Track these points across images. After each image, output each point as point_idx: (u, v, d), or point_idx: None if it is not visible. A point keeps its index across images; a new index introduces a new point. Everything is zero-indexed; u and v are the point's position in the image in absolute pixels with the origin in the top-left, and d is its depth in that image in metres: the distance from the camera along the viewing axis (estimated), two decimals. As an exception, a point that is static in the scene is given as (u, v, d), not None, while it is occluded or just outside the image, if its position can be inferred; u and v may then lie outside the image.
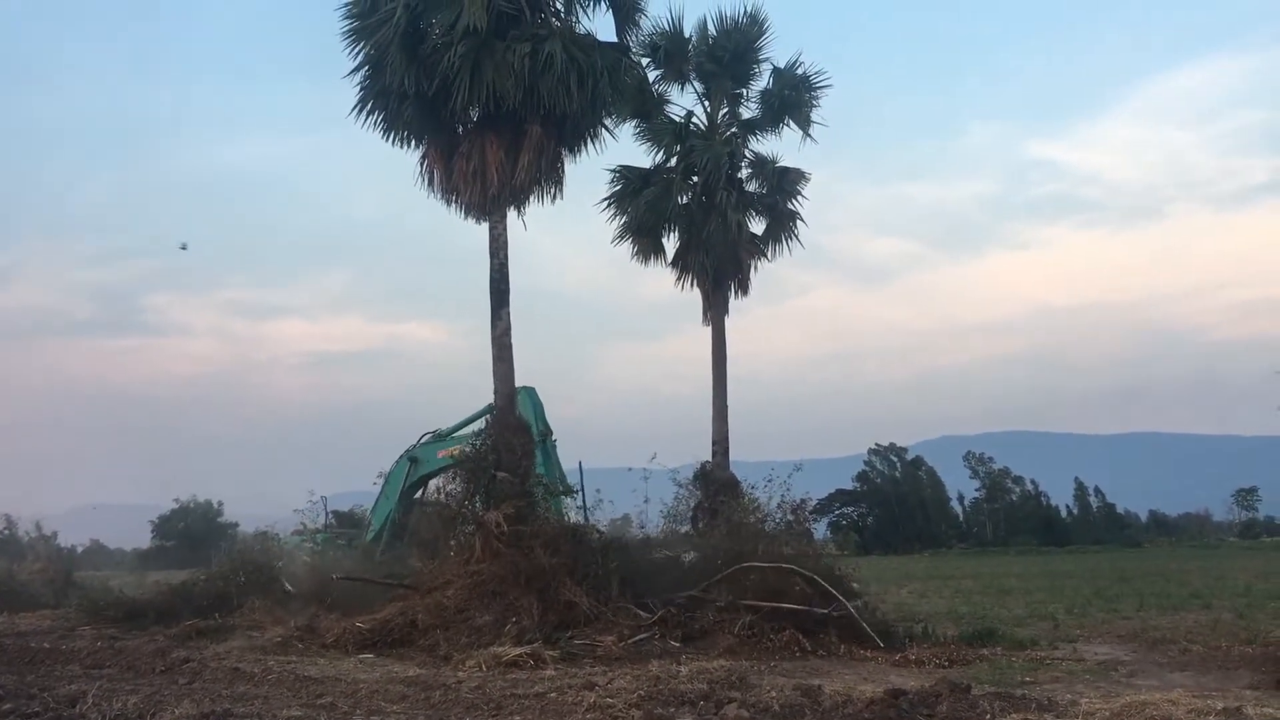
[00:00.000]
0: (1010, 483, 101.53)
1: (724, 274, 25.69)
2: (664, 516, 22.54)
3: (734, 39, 25.85)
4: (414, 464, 25.67)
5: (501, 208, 20.53)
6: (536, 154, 20.28)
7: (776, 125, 26.36)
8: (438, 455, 25.18)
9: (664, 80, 26.32)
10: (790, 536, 19.24)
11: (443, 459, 24.79)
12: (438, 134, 20.91)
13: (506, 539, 17.24)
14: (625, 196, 25.87)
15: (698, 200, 25.62)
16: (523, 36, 19.79)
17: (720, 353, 25.70)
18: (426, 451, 25.50)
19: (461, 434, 25.05)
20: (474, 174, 20.25)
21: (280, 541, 27.03)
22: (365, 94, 20.78)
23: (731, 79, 26.18)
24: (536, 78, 19.49)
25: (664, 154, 26.24)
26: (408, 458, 25.79)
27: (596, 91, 20.25)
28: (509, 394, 20.31)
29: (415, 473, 25.46)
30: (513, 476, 18.80)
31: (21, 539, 66.57)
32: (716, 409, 25.46)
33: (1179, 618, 21.22)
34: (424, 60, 19.79)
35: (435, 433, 25.59)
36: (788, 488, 20.74)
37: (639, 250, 26.17)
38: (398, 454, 26.91)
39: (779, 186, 26.22)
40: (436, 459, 25.11)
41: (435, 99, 19.98)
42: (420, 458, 25.56)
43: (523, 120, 20.13)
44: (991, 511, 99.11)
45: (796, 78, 26.04)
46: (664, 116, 26.29)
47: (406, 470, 25.65)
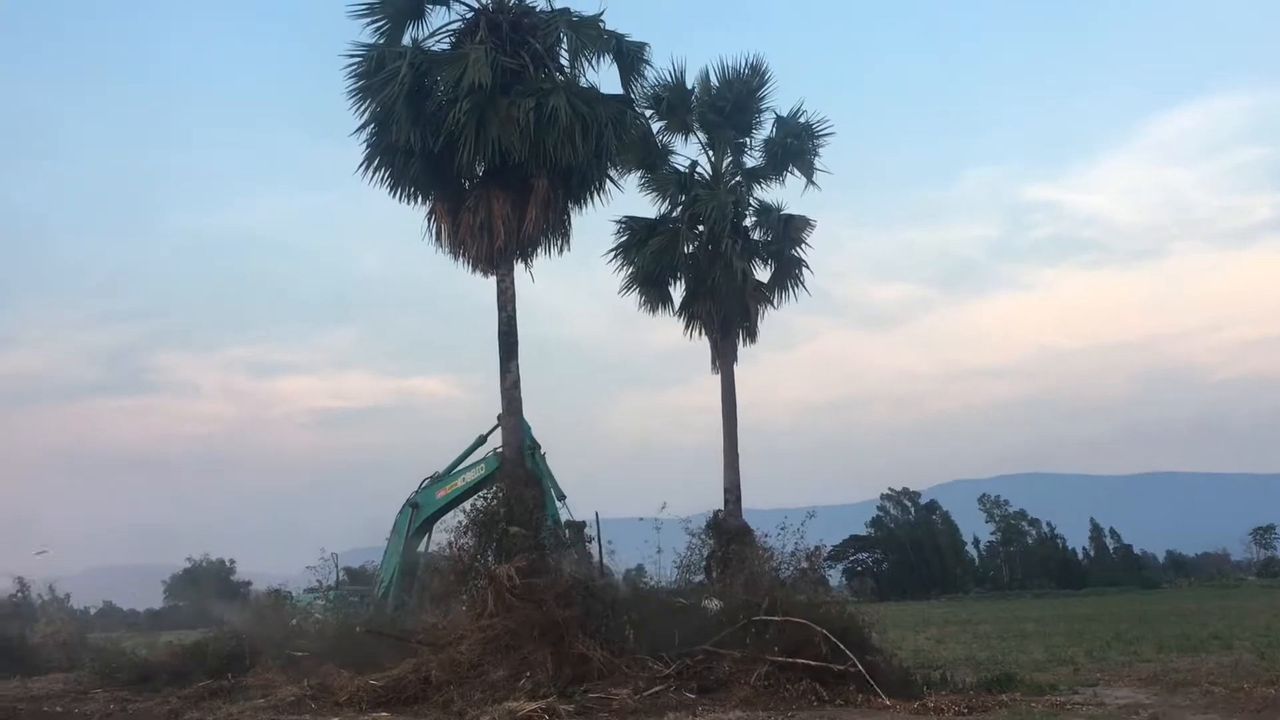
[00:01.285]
0: (1025, 525, 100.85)
1: (731, 322, 25.72)
2: (677, 566, 22.41)
3: (736, 89, 26.05)
4: (415, 509, 25.63)
5: (509, 261, 20.63)
6: (543, 207, 20.41)
7: (780, 173, 26.49)
8: (437, 495, 25.16)
9: (668, 131, 26.51)
10: (805, 584, 19.10)
11: (442, 498, 24.76)
12: (444, 189, 21.06)
13: (519, 592, 17.13)
14: (631, 247, 25.98)
15: (703, 249, 25.71)
16: (527, 91, 19.98)
17: (730, 400, 25.67)
18: (426, 495, 25.47)
19: (458, 470, 25.00)
20: (481, 228, 20.36)
21: (293, 600, 26.87)
22: (371, 151, 20.97)
23: (734, 128, 26.35)
24: (541, 132, 19.65)
25: (669, 204, 26.39)
26: (409, 504, 25.76)
27: (601, 144, 20.40)
28: (518, 446, 20.30)
29: (418, 517, 25.42)
30: (524, 529, 18.73)
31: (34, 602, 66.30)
32: (727, 457, 25.40)
33: (1200, 659, 20.98)
34: (429, 117, 19.97)
35: (433, 476, 25.57)
36: (801, 535, 20.62)
37: (646, 300, 26.24)
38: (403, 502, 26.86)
39: (784, 234, 26.28)
40: (436, 500, 25.09)
41: (441, 155, 20.14)
42: (421, 502, 25.53)
43: (528, 174, 20.28)
44: (1007, 555, 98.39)
45: (799, 126, 26.21)
46: (668, 167, 26.45)
47: (409, 516, 25.60)
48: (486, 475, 22.99)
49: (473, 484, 23.81)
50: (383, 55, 20.44)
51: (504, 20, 20.73)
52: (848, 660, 16.16)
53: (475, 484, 23.61)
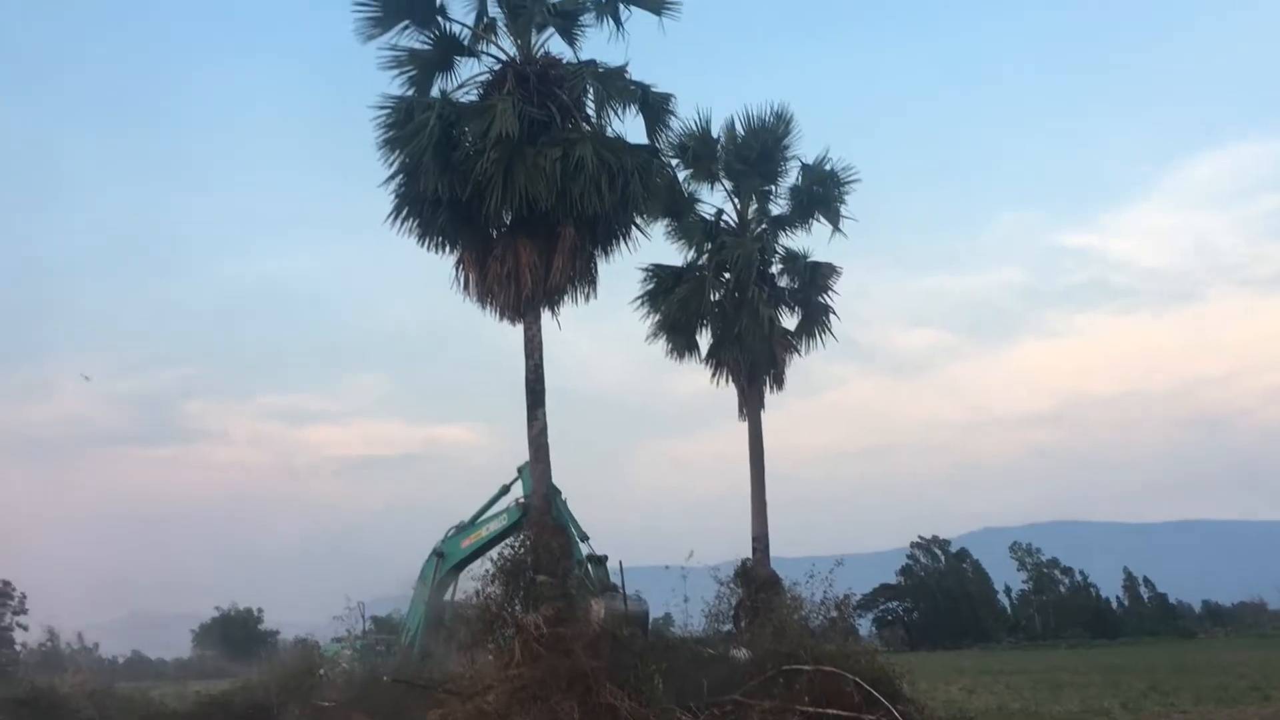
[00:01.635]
0: (1058, 574, 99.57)
1: (758, 369, 25.71)
2: (705, 615, 22.28)
3: (761, 138, 26.20)
4: (441, 558, 25.62)
5: (536, 309, 20.73)
6: (569, 255, 20.51)
7: (806, 221, 26.58)
8: (461, 545, 25.14)
9: (694, 179, 26.68)
10: (835, 634, 18.94)
11: (466, 548, 24.74)
12: (472, 238, 21.20)
13: (546, 642, 17.03)
14: (658, 294, 26.06)
15: (730, 297, 25.76)
16: (554, 141, 20.16)
17: (757, 448, 25.60)
18: (451, 544, 25.46)
19: (484, 518, 24.98)
20: (508, 277, 20.48)
21: (320, 650, 26.82)
22: (400, 201, 21.16)
23: (760, 176, 26.49)
24: (568, 181, 19.81)
25: (695, 252, 26.48)
26: (435, 553, 25.75)
27: (628, 192, 20.53)
28: (545, 494, 20.28)
29: (443, 567, 25.39)
30: (551, 577, 18.66)
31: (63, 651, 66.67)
32: (755, 505, 25.29)
33: (1238, 711, 20.63)
34: (457, 167, 20.16)
35: (459, 525, 25.57)
36: (830, 583, 20.49)
37: (673, 347, 26.28)
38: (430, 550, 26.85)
39: (811, 281, 26.32)
40: (461, 549, 25.07)
41: (469, 204, 20.31)
42: (446, 551, 25.52)
43: (555, 222, 20.41)
44: (1040, 604, 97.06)
45: (825, 173, 26.32)
46: (694, 215, 26.59)
47: (435, 566, 25.58)
48: (509, 525, 23.01)
49: (496, 534, 23.82)
50: (411, 106, 20.69)
51: (531, 72, 20.96)
52: (879, 710, 15.97)
53: (499, 534, 23.63)
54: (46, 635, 66.41)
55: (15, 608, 65.94)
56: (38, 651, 65.57)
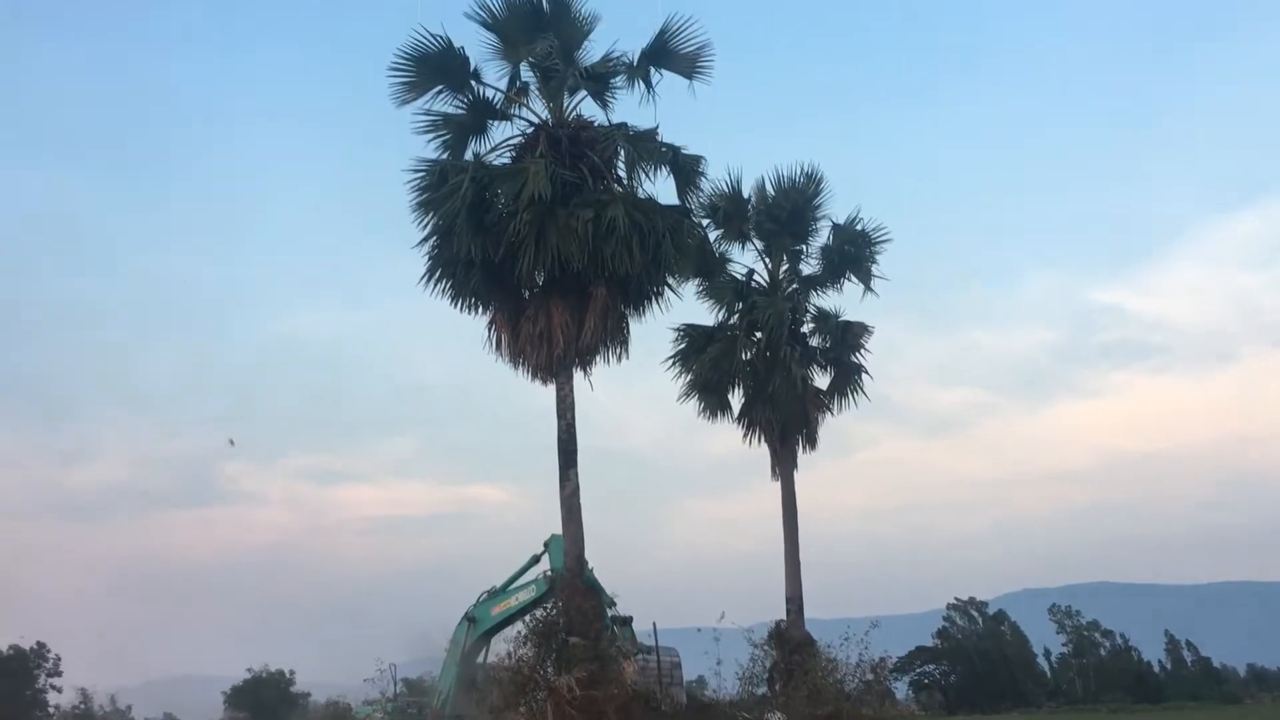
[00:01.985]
0: (1098, 636, 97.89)
1: (791, 429, 25.55)
2: (739, 678, 22.05)
3: (792, 198, 26.25)
4: (472, 624, 25.49)
5: (568, 369, 20.77)
6: (601, 315, 20.57)
7: (837, 280, 26.52)
8: (492, 612, 25.00)
9: (724, 239, 26.73)
10: (871, 697, 18.71)
11: (497, 615, 24.61)
12: (504, 299, 21.32)
13: (579, 704, 16.90)
14: (690, 354, 26.02)
15: (761, 356, 25.69)
16: (585, 202, 20.31)
17: (790, 508, 25.39)
18: (482, 610, 25.35)
19: (514, 587, 24.87)
20: (540, 337, 20.55)
21: (352, 712, 26.74)
22: (434, 263, 21.33)
23: (791, 236, 26.51)
24: (600, 242, 19.92)
25: (727, 311, 26.46)
26: (466, 618, 25.62)
27: (659, 253, 20.62)
28: (578, 555, 20.18)
29: (474, 632, 25.27)
30: (584, 640, 18.53)
31: (96, 713, 66.69)
32: (789, 566, 25.02)
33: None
34: (490, 229, 20.33)
35: (490, 590, 25.45)
36: (865, 646, 20.28)
37: (705, 407, 26.19)
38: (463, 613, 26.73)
39: (842, 340, 26.21)
40: (491, 616, 24.94)
41: (501, 265, 20.44)
42: (477, 616, 25.39)
43: (587, 283, 20.50)
44: (1080, 667, 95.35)
45: (856, 233, 26.30)
46: (726, 275, 26.61)
47: (466, 630, 25.45)
48: (538, 597, 22.93)
49: (526, 604, 23.75)
50: (445, 169, 20.92)
51: (563, 134, 21.16)
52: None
53: (528, 605, 23.57)
54: (80, 697, 66.48)
55: (50, 669, 65.95)
56: (71, 714, 65.59)
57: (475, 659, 25.45)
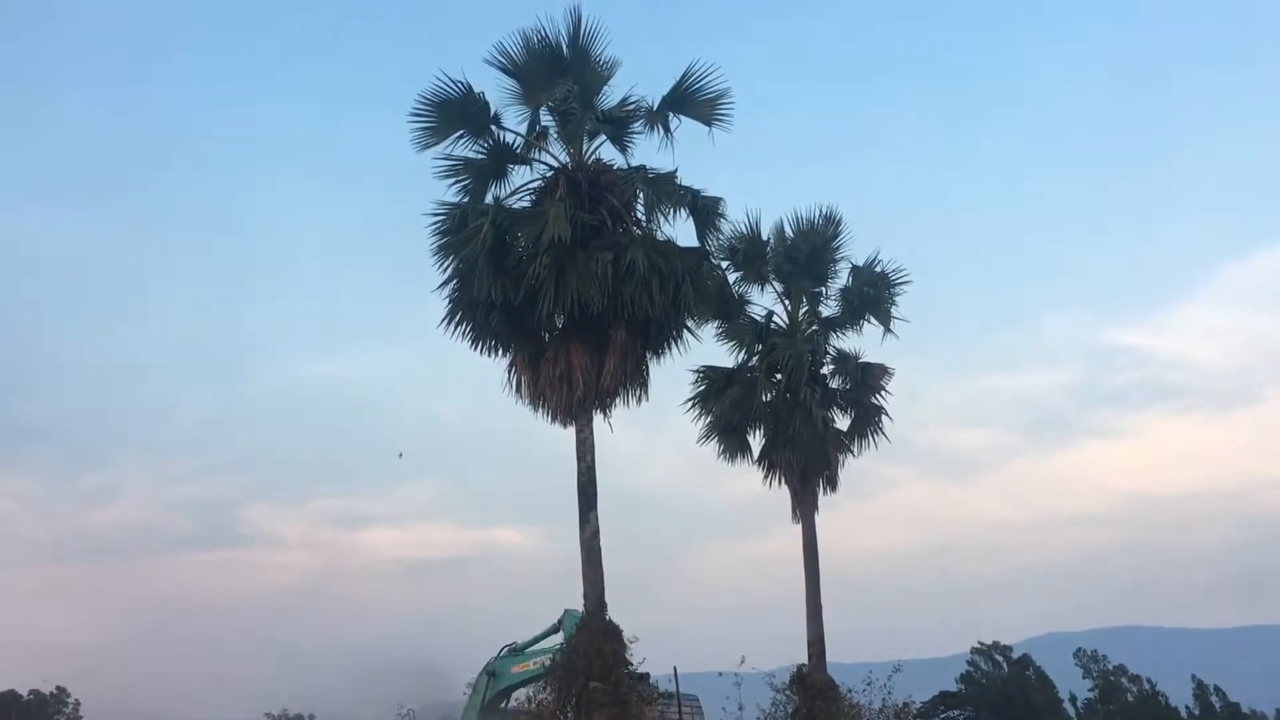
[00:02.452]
0: (1126, 682, 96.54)
1: (811, 471, 25.46)
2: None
3: (810, 239, 26.31)
4: (492, 678, 25.27)
5: (587, 412, 20.77)
6: (621, 358, 20.60)
7: (857, 322, 26.51)
8: (512, 670, 24.73)
9: (744, 281, 26.77)
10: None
11: (516, 674, 24.31)
12: (524, 342, 21.38)
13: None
14: (709, 396, 26.01)
15: (782, 398, 25.65)
16: (605, 245, 20.39)
17: (811, 550, 25.24)
18: (503, 665, 25.11)
19: (535, 649, 24.63)
20: (560, 379, 20.58)
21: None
22: (453, 306, 21.42)
23: (810, 278, 26.55)
24: (619, 284, 19.98)
25: (746, 353, 26.46)
26: (486, 672, 25.39)
27: (679, 295, 20.66)
28: (598, 598, 20.07)
29: (494, 686, 25.04)
30: (605, 684, 18.40)
31: (115, 758, 66.46)
32: (810, 609, 24.83)
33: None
34: (510, 271, 20.42)
35: (512, 645, 25.17)
36: (889, 690, 20.09)
37: (725, 449, 26.14)
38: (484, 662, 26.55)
39: (862, 382, 26.17)
40: (512, 674, 24.66)
41: (521, 308, 20.52)
42: (498, 671, 25.16)
43: (607, 326, 20.55)
44: (1107, 713, 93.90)
45: (875, 275, 26.32)
46: (745, 316, 26.63)
47: (486, 684, 25.22)
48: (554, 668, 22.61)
49: (541, 672, 23.49)
50: (465, 213, 21.04)
51: (583, 178, 21.27)
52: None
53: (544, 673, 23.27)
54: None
55: (70, 714, 66.01)
56: (89, 759, 65.48)
57: (496, 710, 25.24)
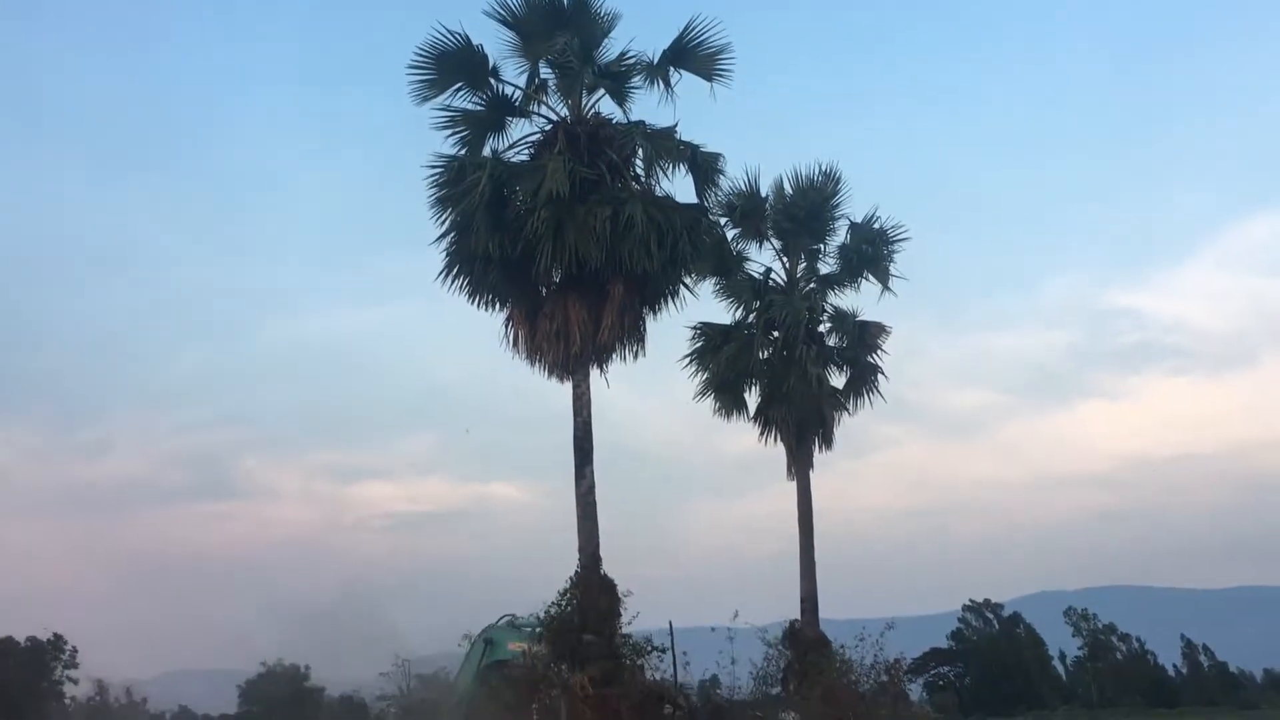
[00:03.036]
0: (1115, 640, 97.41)
1: (807, 428, 25.49)
2: (753, 678, 22.02)
3: (810, 197, 26.17)
4: (489, 646, 25.36)
5: (584, 367, 20.78)
6: (618, 313, 20.58)
7: (855, 279, 26.43)
8: (509, 646, 24.77)
9: (742, 238, 26.67)
10: (886, 698, 18.68)
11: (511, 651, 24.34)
12: (521, 296, 21.35)
13: (593, 702, 16.92)
14: (706, 353, 25.99)
15: (778, 355, 25.63)
16: (603, 200, 20.31)
17: (806, 508, 25.34)
18: (501, 636, 25.13)
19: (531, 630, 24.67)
20: (557, 334, 20.57)
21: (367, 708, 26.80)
22: (451, 259, 21.37)
23: (809, 235, 26.44)
24: (618, 239, 19.93)
25: (744, 310, 26.40)
26: (484, 639, 25.48)
27: (676, 251, 20.61)
28: (593, 553, 20.18)
29: (490, 655, 25.13)
30: (599, 638, 18.53)
31: (111, 705, 67.10)
32: (804, 566, 24.97)
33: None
34: (508, 225, 20.36)
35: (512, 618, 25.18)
36: (880, 647, 20.23)
37: (721, 406, 26.15)
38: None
39: (859, 340, 26.13)
40: (507, 650, 24.70)
41: (519, 262, 20.48)
42: (495, 641, 25.23)
43: (604, 281, 20.51)
44: (1096, 671, 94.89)
45: (873, 232, 26.21)
46: (743, 273, 26.55)
47: (483, 651, 25.33)
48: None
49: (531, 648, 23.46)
50: (463, 166, 20.94)
51: (581, 132, 21.15)
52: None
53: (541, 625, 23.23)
54: (95, 689, 66.91)
55: (66, 661, 66.48)
56: (86, 705, 66.03)
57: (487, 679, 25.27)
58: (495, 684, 22.74)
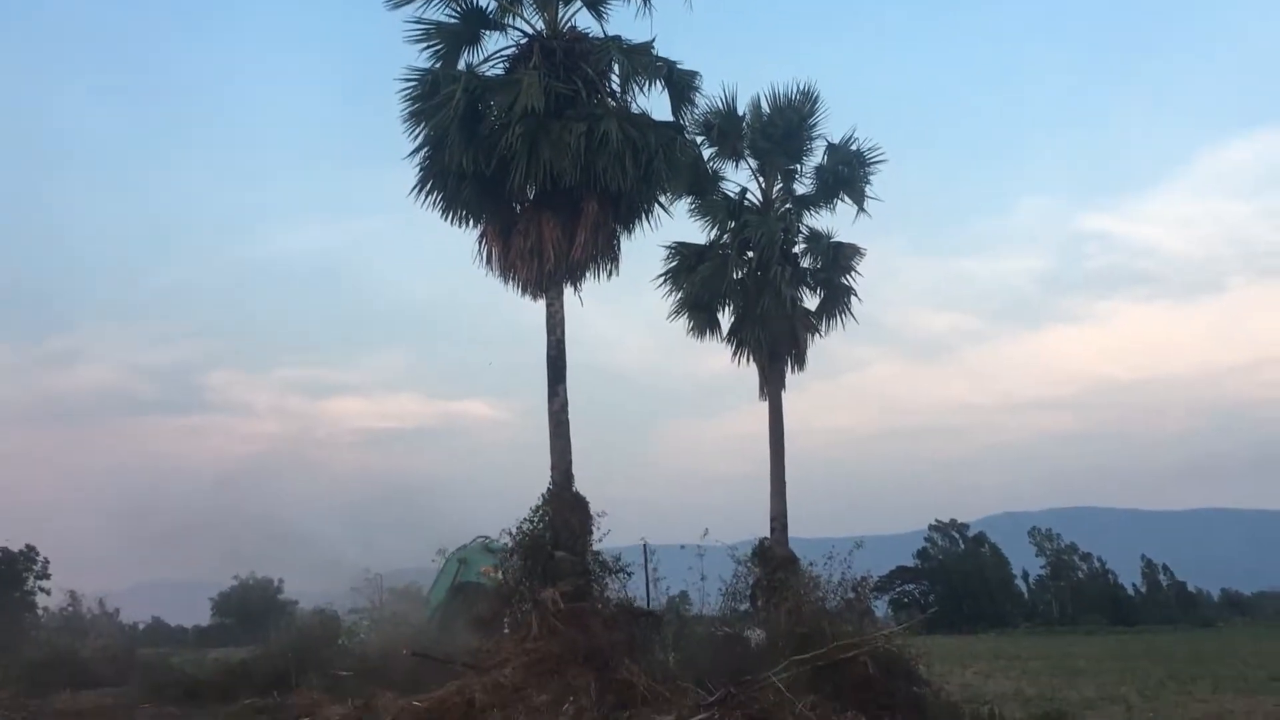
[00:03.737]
0: (1077, 560, 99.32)
1: (779, 349, 25.61)
2: (723, 594, 22.33)
3: (787, 116, 26.00)
4: (463, 565, 25.57)
5: (558, 284, 20.72)
6: (593, 231, 20.50)
7: (831, 201, 26.38)
8: (481, 570, 24.94)
9: (718, 157, 26.51)
10: (852, 615, 18.98)
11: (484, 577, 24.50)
12: (495, 213, 21.21)
13: (564, 617, 17.12)
14: (680, 272, 25.98)
15: (752, 275, 25.66)
16: (579, 116, 20.11)
17: (777, 428, 25.54)
18: (474, 558, 25.30)
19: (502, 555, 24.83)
20: (531, 251, 20.48)
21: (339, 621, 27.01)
22: (424, 174, 21.16)
23: (785, 155, 26.30)
24: (592, 156, 19.77)
25: (718, 230, 26.35)
26: (458, 558, 25.65)
27: (651, 169, 20.48)
28: (566, 470, 20.28)
29: (463, 574, 25.34)
30: (571, 554, 18.71)
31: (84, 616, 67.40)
32: (774, 485, 25.23)
33: (1256, 701, 20.55)
34: (482, 140, 20.15)
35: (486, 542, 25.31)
36: (848, 565, 20.51)
37: (694, 325, 26.20)
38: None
39: (833, 262, 26.16)
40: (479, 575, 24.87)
41: (493, 178, 20.31)
42: (469, 561, 25.42)
43: (579, 198, 20.39)
44: (1057, 590, 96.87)
45: (850, 153, 26.10)
46: (718, 193, 26.43)
47: (456, 570, 25.53)
48: None
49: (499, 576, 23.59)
50: (437, 79, 20.65)
51: (557, 46, 20.89)
52: (895, 692, 16.02)
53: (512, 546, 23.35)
54: (68, 600, 67.13)
55: (38, 572, 66.66)
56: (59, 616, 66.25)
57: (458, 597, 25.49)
58: (468, 597, 22.99)
